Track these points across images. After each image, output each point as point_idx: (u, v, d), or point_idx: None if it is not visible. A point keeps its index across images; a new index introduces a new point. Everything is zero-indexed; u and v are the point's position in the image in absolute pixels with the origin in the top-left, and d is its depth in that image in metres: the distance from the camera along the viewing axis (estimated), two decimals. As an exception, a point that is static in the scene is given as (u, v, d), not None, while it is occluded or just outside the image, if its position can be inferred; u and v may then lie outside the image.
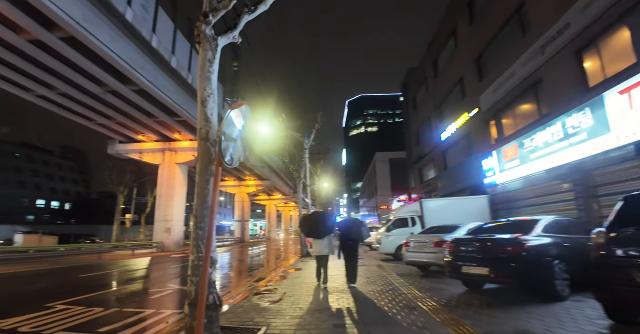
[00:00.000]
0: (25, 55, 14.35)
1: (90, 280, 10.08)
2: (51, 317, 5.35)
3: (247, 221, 42.06)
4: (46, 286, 9.14)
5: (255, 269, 12.72)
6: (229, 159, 3.81)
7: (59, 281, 9.93)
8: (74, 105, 19.76)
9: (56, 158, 65.67)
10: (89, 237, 37.14)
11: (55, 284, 9.37)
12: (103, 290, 8.11)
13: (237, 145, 3.96)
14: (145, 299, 7.14)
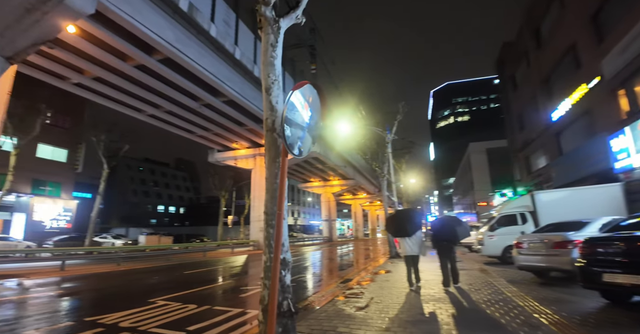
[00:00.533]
0: (133, 80, 16.59)
1: (191, 277, 10.94)
2: (150, 312, 5.70)
3: (333, 220, 42.47)
4: (154, 281, 10.20)
5: (341, 269, 12.35)
6: (297, 150, 3.41)
7: (165, 277, 11.02)
8: (177, 120, 22.30)
9: (171, 169, 76.38)
10: (198, 237, 42.01)
11: (162, 280, 10.39)
12: (200, 287, 8.61)
13: (304, 132, 3.52)
14: (236, 297, 7.28)
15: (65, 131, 31.36)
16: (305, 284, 8.88)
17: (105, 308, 6.20)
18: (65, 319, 5.35)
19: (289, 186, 66.25)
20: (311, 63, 27.49)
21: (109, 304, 6.61)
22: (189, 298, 6.99)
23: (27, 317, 5.54)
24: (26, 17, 9.39)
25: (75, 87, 17.51)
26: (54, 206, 28.89)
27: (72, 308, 6.19)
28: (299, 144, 3.46)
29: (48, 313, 5.82)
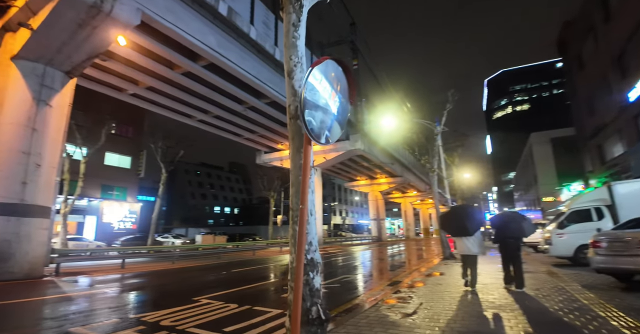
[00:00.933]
0: (181, 87, 17.40)
1: (238, 275, 11.04)
2: (192, 311, 5.68)
3: (382, 219, 41.35)
4: (202, 279, 10.42)
5: (389, 271, 11.74)
6: (323, 138, 3.04)
7: (213, 275, 11.25)
8: (225, 124, 23.09)
9: (225, 172, 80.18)
10: (251, 236, 43.41)
11: (210, 278, 10.60)
12: (245, 285, 8.59)
13: (329, 115, 3.12)
14: (278, 297, 7.11)
15: (129, 139, 34.15)
16: (349, 286, 8.46)
17: (152, 306, 6.35)
18: (112, 316, 5.51)
19: (336, 185, 66.06)
20: (353, 59, 26.98)
21: (157, 302, 6.78)
22: (231, 297, 6.95)
23: (77, 313, 5.81)
24: (78, 32, 10.12)
25: (132, 98, 18.84)
26: (121, 209, 31.57)
27: (121, 305, 6.42)
28: (324, 131, 3.09)
29: (98, 309, 6.07)
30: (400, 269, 12.00)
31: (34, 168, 10.33)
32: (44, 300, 7.05)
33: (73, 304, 6.64)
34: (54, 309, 6.25)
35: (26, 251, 9.83)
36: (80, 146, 22.08)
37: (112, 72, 15.81)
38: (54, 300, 7.01)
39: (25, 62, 10.63)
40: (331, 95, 3.12)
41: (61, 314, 5.81)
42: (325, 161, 26.38)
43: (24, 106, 10.40)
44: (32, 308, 6.43)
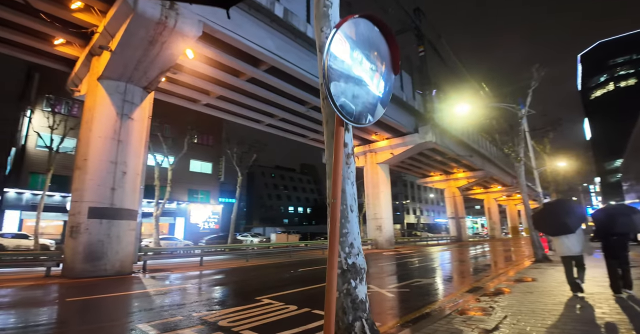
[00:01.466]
0: (247, 93, 18.07)
1: (304, 274, 10.88)
2: (251, 311, 5.57)
3: (461, 217, 38.12)
4: (269, 278, 10.45)
5: (468, 275, 10.47)
6: (364, 118, 2.51)
7: (280, 274, 11.25)
8: (291, 126, 23.51)
9: (297, 174, 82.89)
10: (322, 235, 43.86)
11: (277, 277, 10.60)
12: (308, 286, 8.33)
13: (363, 88, 2.57)
14: (338, 301, 6.65)
15: (209, 147, 37.18)
16: (420, 291, 7.62)
17: (217, 304, 6.42)
18: (178, 313, 5.64)
19: (408, 182, 63.29)
20: (418, 46, 25.35)
21: (222, 300, 6.87)
22: (293, 298, 6.76)
23: (147, 310, 6.09)
24: (150, 49, 10.99)
25: (205, 108, 20.23)
26: (205, 211, 34.43)
27: (188, 302, 6.62)
28: (361, 109, 2.55)
29: (166, 306, 6.32)
30: (482, 273, 10.64)
31: (120, 175, 11.54)
32: (125, 295, 7.67)
33: (147, 300, 7.07)
34: (129, 305, 6.72)
35: (116, 251, 10.99)
36: (167, 155, 24.55)
37: (185, 85, 17.09)
38: (133, 296, 7.57)
39: (109, 82, 11.96)
40: (366, 63, 2.57)
41: (134, 310, 6.18)
42: (393, 156, 25.17)
43: (110, 120, 11.69)
44: (108, 303, 6.99)
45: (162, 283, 9.50)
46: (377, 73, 2.63)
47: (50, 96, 26.20)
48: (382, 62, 2.70)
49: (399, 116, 22.75)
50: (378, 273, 11.64)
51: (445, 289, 7.84)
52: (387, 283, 8.96)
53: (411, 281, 9.17)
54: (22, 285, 8.89)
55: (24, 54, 13.96)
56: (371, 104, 2.60)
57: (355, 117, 2.49)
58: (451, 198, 38.75)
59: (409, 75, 24.20)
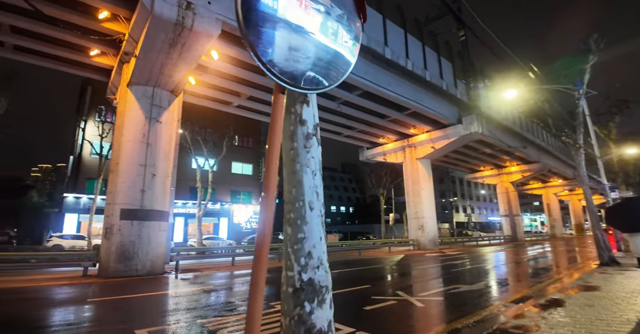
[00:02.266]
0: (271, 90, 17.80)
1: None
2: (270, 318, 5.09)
3: (515, 215, 34.86)
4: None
5: (514, 282, 9.15)
6: (294, 73, 1.85)
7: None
8: (323, 124, 22.97)
9: (338, 173, 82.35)
10: (364, 234, 42.89)
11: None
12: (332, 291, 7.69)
13: (307, 39, 1.90)
14: (358, 309, 5.97)
15: (249, 149, 37.97)
16: (455, 301, 6.65)
17: (226, 310, 6.05)
18: (184, 317, 5.33)
19: (456, 178, 59.76)
20: (458, 30, 23.43)
21: (234, 305, 6.49)
22: None
23: (161, 312, 5.86)
24: (171, 51, 11.04)
25: (238, 109, 20.40)
26: (247, 211, 35.15)
27: (200, 306, 6.33)
28: (301, 67, 1.87)
29: (179, 309, 6.05)
30: (533, 279, 9.27)
31: (150, 178, 11.77)
32: (140, 298, 7.60)
33: (164, 302, 6.91)
34: (144, 306, 6.57)
35: (147, 251, 11.20)
36: (207, 158, 25.26)
37: (215, 87, 17.28)
38: (151, 298, 7.47)
39: (138, 87, 12.28)
40: (308, 2, 1.90)
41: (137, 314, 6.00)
42: (434, 151, 23.55)
43: (139, 124, 11.99)
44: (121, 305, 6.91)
45: (186, 285, 9.43)
46: (331, 17, 1.95)
47: (101, 107, 28.34)
48: (339, 2, 2.01)
49: (438, 106, 21.20)
50: (413, 277, 10.68)
51: (485, 299, 6.77)
52: (419, 289, 8.04)
53: (448, 287, 8.16)
54: (56, 284, 9.29)
55: (66, 67, 14.91)
56: (323, 61, 1.92)
57: (297, 80, 1.83)
58: (504, 194, 35.65)
59: (449, 62, 22.49)
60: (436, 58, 21.04)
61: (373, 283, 9.27)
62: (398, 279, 9.96)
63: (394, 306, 6.22)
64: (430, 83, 19.71)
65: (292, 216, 2.09)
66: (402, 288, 8.13)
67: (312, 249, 2.04)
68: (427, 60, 19.96)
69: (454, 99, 22.02)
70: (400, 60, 17.73)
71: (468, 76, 22.98)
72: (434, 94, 20.75)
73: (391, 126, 23.31)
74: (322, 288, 2.01)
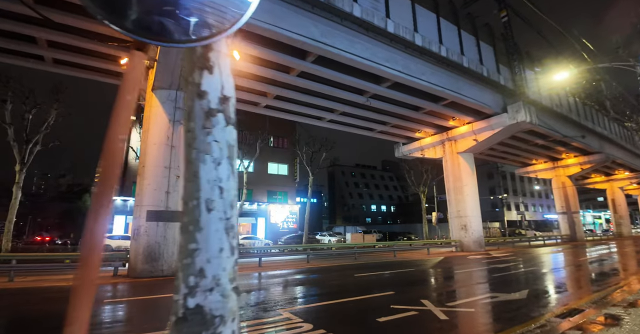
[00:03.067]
0: (301, 89, 17.45)
1: (356, 281, 9.58)
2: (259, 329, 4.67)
3: (574, 212, 31.21)
4: (312, 284, 9.39)
5: (561, 292, 7.88)
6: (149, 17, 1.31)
7: (330, 280, 10.12)
8: (354, 120, 22.23)
9: (379, 171, 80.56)
10: (406, 234, 41.17)
11: (321, 284, 9.49)
12: (349, 297, 7.07)
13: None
14: (372, 321, 5.32)
15: (285, 149, 38.15)
16: (487, 313, 5.73)
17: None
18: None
19: (507, 173, 55.46)
20: (500, 11, 21.41)
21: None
22: (320, 312, 5.88)
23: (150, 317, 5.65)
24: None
25: (266, 110, 20.34)
26: (283, 211, 35.31)
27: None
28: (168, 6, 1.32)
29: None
30: (582, 289, 7.93)
31: (174, 180, 11.90)
32: (149, 299, 7.50)
33: (162, 305, 6.73)
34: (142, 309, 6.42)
35: (172, 252, 11.30)
36: (241, 159, 25.65)
37: (241, 88, 17.27)
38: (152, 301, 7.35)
39: (162, 91, 12.49)
40: None
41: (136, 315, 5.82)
42: (477, 143, 21.69)
43: (163, 127, 12.17)
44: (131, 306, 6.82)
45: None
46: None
47: (142, 114, 29.96)
48: None
49: (480, 94, 19.48)
50: (445, 283, 9.69)
51: (524, 311, 5.74)
52: (448, 298, 7.13)
53: (484, 296, 7.17)
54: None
55: (101, 76, 15.72)
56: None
57: (163, 29, 1.29)
58: (560, 189, 32.19)
59: (490, 46, 20.61)
60: (474, 42, 19.35)
61: (399, 289, 8.47)
62: (428, 285, 9.04)
63: (413, 318, 5.46)
64: (469, 70, 18.15)
65: (185, 219, 1.55)
66: (430, 296, 7.28)
67: (205, 265, 1.48)
68: (464, 45, 18.41)
69: (497, 86, 20.12)
70: (433, 47, 16.47)
71: (512, 60, 20.93)
72: (473, 82, 19.09)
73: (427, 119, 21.90)
74: (215, 318, 1.44)
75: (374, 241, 28.29)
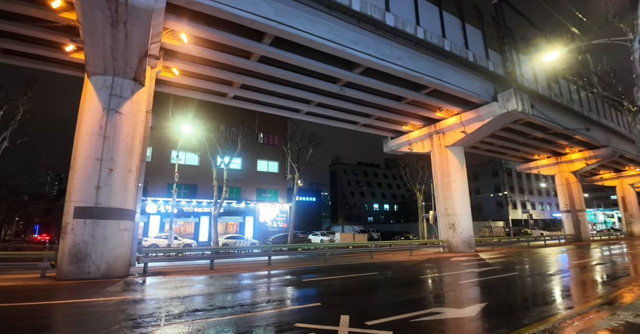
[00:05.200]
0: (266, 77, 16.17)
1: (282, 291, 8.26)
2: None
3: (579, 210, 29.09)
4: (247, 291, 8.09)
5: (530, 307, 6.47)
6: None
7: (257, 287, 8.81)
8: (333, 112, 20.87)
9: (382, 169, 78.73)
10: (403, 234, 39.61)
11: (260, 290, 8.19)
12: (254, 311, 5.75)
13: None
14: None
15: (275, 147, 36.96)
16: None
17: (140, 326, 4.49)
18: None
19: (513, 171, 53.15)
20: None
21: (155, 320, 4.91)
22: (231, 324, 4.45)
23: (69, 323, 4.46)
24: (116, 33, 9.88)
25: (235, 101, 19.15)
26: (273, 209, 34.13)
27: (126, 318, 4.85)
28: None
29: (103, 321, 4.61)
30: (556, 306, 6.50)
31: (106, 173, 10.77)
32: (68, 304, 6.33)
33: (87, 312, 5.60)
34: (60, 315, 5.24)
35: (102, 252, 10.19)
36: (222, 155, 24.46)
37: (203, 77, 16.14)
38: (78, 305, 6.18)
39: (97, 77, 11.38)
40: None
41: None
42: (465, 136, 20.02)
43: (96, 116, 11.06)
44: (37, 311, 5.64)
45: (131, 291, 8.14)
46: None
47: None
48: None
49: (466, 81, 17.86)
50: (395, 291, 8.32)
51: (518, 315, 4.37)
52: (377, 313, 5.76)
53: (424, 311, 5.81)
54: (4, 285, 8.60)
55: (51, 66, 14.68)
56: None
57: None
58: (564, 186, 30.13)
59: (479, 30, 18.96)
60: (459, 25, 17.77)
61: (330, 300, 7.14)
62: (370, 294, 7.66)
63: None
64: (451, 54, 16.59)
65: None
66: (357, 310, 5.93)
67: None
68: (447, 28, 16.86)
69: (486, 73, 18.48)
70: (408, 28, 14.97)
71: (504, 44, 19.24)
72: (458, 68, 17.51)
73: (412, 110, 20.35)
74: None
75: (365, 241, 26.87)
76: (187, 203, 29.68)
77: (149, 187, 28.63)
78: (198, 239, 28.89)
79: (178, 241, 25.22)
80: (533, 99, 20.57)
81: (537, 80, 21.36)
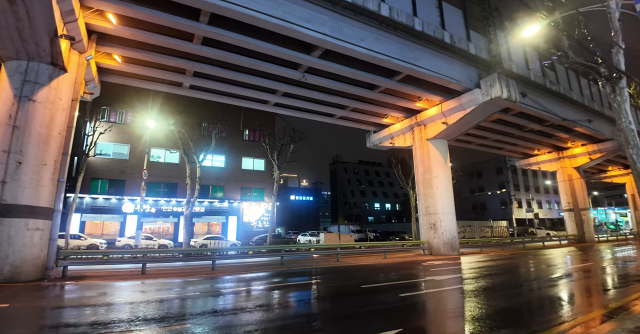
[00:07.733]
0: (216, 62, 14.79)
1: (217, 295, 6.91)
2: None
3: (583, 209, 26.79)
4: (162, 301, 6.77)
5: (559, 304, 4.97)
6: None
7: (201, 293, 7.48)
8: (303, 103, 19.39)
9: (384, 168, 76.71)
10: (399, 234, 37.93)
11: (174, 302, 6.86)
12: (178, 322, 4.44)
13: None
14: None
15: (261, 144, 35.69)
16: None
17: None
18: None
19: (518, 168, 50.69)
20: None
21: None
22: None
23: None
24: (16, 10, 8.76)
25: (193, 91, 17.94)
26: (258, 209, 32.90)
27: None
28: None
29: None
30: (593, 298, 4.99)
31: (14, 167, 9.64)
32: None
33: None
34: None
35: (5, 254, 9.09)
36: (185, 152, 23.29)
37: (149, 64, 14.95)
38: None
39: (11, 62, 10.35)
40: None
41: None
42: (447, 127, 18.30)
43: (6, 104, 9.98)
44: None
45: (35, 298, 6.93)
46: None
47: (105, 107, 28.31)
48: None
49: (445, 66, 16.18)
50: (298, 310, 6.90)
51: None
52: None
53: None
54: None
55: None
56: None
57: None
58: (566, 183, 27.93)
59: (459, 9, 17.23)
60: (435, 4, 16.10)
61: (210, 317, 5.75)
62: (266, 313, 6.25)
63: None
64: (424, 35, 14.98)
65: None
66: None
67: None
68: (418, 5, 15.22)
69: (467, 57, 16.75)
70: (369, 4, 13.41)
71: (488, 25, 17.50)
72: (435, 51, 15.86)
73: (389, 100, 18.76)
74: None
75: (352, 242, 25.34)
76: (167, 202, 28.68)
77: (126, 185, 27.78)
78: (177, 239, 27.85)
79: (152, 242, 24.23)
80: (525, 86, 18.75)
81: (529, 66, 19.51)
